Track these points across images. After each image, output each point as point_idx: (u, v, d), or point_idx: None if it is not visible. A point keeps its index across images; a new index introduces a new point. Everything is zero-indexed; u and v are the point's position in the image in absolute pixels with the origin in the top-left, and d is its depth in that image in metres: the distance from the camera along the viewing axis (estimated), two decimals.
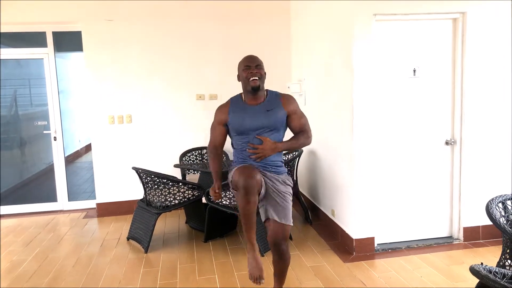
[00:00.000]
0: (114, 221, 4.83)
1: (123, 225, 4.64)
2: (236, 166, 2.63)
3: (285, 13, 5.24)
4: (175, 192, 3.97)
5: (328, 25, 4.00)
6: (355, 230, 3.61)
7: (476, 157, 3.72)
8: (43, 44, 5.06)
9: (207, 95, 5.13)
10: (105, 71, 4.93)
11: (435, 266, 3.35)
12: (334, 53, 3.87)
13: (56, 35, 5.08)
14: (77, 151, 5.64)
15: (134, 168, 3.93)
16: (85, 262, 3.70)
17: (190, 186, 4.08)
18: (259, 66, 2.62)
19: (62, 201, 5.31)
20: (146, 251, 3.84)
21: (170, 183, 3.98)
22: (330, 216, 4.16)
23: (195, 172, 4.92)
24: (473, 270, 1.80)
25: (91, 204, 5.29)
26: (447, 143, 3.74)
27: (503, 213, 2.29)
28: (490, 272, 1.87)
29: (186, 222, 4.63)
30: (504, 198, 2.34)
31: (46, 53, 5.08)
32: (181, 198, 3.97)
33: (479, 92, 3.66)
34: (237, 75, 2.71)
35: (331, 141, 4.07)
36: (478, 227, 3.78)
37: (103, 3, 4.84)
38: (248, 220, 2.53)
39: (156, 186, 3.97)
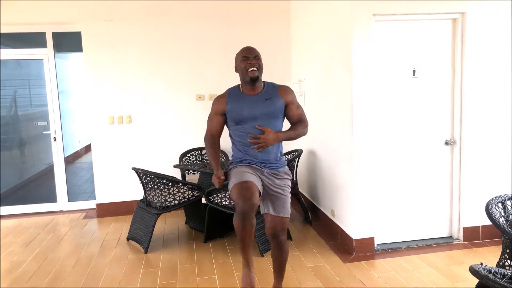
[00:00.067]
0: (114, 222, 4.83)
1: (123, 226, 4.64)
2: (236, 167, 2.63)
3: (285, 13, 5.24)
4: (175, 192, 3.97)
5: (327, 25, 4.00)
6: (355, 230, 3.61)
7: (476, 157, 3.72)
8: (43, 45, 5.06)
9: (207, 95, 5.13)
10: (104, 72, 4.93)
11: (435, 266, 3.35)
12: (333, 53, 3.87)
13: (56, 35, 5.08)
14: (77, 151, 5.64)
15: (133, 169, 3.93)
16: (85, 263, 3.70)
17: (190, 186, 4.08)
18: (257, 57, 2.61)
19: (62, 201, 5.31)
20: (146, 252, 3.84)
21: (170, 184, 3.98)
22: (330, 216, 4.16)
23: (195, 172, 4.92)
24: (472, 270, 1.80)
25: (91, 204, 5.29)
26: (446, 143, 3.74)
27: (502, 213, 2.29)
28: (490, 272, 1.87)
29: (186, 223, 4.63)
30: (503, 198, 2.34)
31: (46, 54, 5.09)
32: (181, 198, 3.97)
33: (479, 92, 3.66)
34: (235, 67, 2.70)
35: (331, 141, 4.07)
36: (478, 227, 3.78)
37: (102, 4, 4.84)
38: (244, 241, 2.51)
39: (156, 187, 3.97)
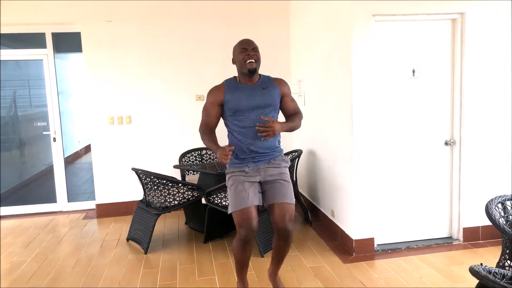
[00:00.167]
0: (113, 222, 4.83)
1: (122, 226, 4.64)
2: (233, 184, 2.57)
3: (285, 13, 5.24)
4: (175, 193, 3.97)
5: (327, 26, 4.00)
6: (354, 230, 3.61)
7: (476, 158, 3.72)
8: (43, 45, 5.06)
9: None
10: (104, 72, 4.93)
11: (435, 266, 3.35)
12: (333, 54, 3.87)
13: (56, 36, 5.09)
14: (77, 152, 5.65)
15: (133, 169, 3.93)
16: (84, 263, 3.70)
17: (189, 187, 4.08)
18: (255, 49, 2.62)
19: (62, 202, 5.31)
20: (146, 252, 3.84)
21: (170, 184, 3.98)
22: (330, 216, 4.16)
23: (195, 173, 4.92)
24: (472, 271, 1.79)
25: (90, 205, 5.29)
26: (446, 143, 3.74)
27: (502, 214, 2.29)
28: (490, 272, 1.87)
29: (186, 223, 4.63)
30: (503, 198, 2.34)
31: (45, 54, 5.08)
32: (180, 199, 3.97)
33: (479, 92, 3.66)
34: (232, 59, 2.69)
35: (331, 141, 4.07)
36: (477, 227, 3.78)
37: (102, 4, 4.84)
38: (242, 262, 2.59)
39: (155, 187, 3.97)
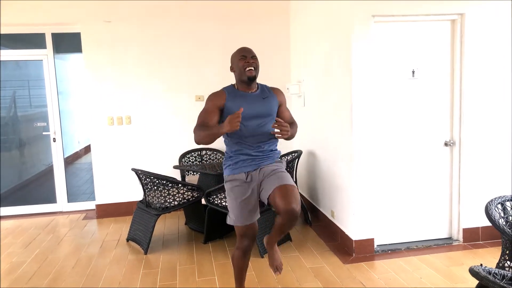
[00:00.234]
0: (113, 223, 4.83)
1: (122, 227, 4.64)
2: (232, 195, 2.57)
3: (285, 13, 5.25)
4: (175, 193, 3.97)
5: (327, 26, 4.00)
6: (354, 231, 3.61)
7: (475, 158, 3.73)
8: (42, 46, 5.06)
9: (206, 96, 5.06)
10: (104, 72, 4.93)
11: (435, 267, 3.35)
12: (333, 54, 3.88)
13: (55, 36, 5.09)
14: (77, 152, 5.65)
15: (133, 170, 3.93)
16: (84, 263, 3.70)
17: (189, 187, 4.08)
18: (254, 57, 2.61)
19: (62, 202, 5.31)
20: (146, 252, 3.83)
21: (170, 184, 3.98)
22: (330, 217, 4.16)
23: (195, 173, 4.92)
24: (472, 271, 1.80)
25: (90, 205, 5.29)
26: (446, 144, 3.74)
27: (502, 214, 2.29)
28: (490, 273, 1.87)
29: (186, 224, 4.63)
30: (503, 199, 2.34)
31: (45, 55, 5.08)
32: (180, 199, 3.96)
33: (478, 93, 3.66)
34: (231, 67, 2.68)
35: (330, 142, 4.07)
36: (477, 228, 3.79)
37: (102, 5, 4.84)
38: (241, 271, 2.69)
39: (155, 188, 3.97)
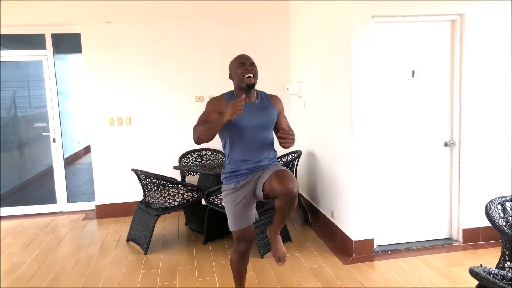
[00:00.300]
0: (113, 223, 4.83)
1: (122, 227, 4.64)
2: (230, 201, 2.57)
3: (284, 13, 5.25)
4: (175, 193, 3.97)
5: (327, 26, 4.00)
6: (354, 231, 3.62)
7: (475, 159, 3.73)
8: (42, 46, 5.06)
9: (206, 96, 5.12)
10: (104, 73, 4.93)
11: (435, 267, 3.35)
12: (333, 55, 3.88)
13: (55, 37, 5.09)
14: (76, 152, 5.64)
15: (133, 170, 3.93)
16: (84, 264, 3.70)
17: (189, 187, 4.08)
18: (253, 64, 2.62)
19: (62, 202, 5.30)
20: (146, 253, 3.83)
21: (170, 185, 3.98)
22: (330, 217, 4.16)
23: (195, 173, 4.92)
24: (472, 272, 1.80)
25: (90, 205, 5.29)
26: (446, 144, 3.74)
27: (502, 215, 2.29)
28: (490, 273, 1.87)
29: (186, 224, 4.63)
30: (503, 199, 2.34)
31: (45, 55, 5.08)
32: (180, 199, 3.97)
33: (478, 93, 3.66)
34: (229, 74, 2.68)
35: (330, 142, 4.07)
36: (477, 228, 3.79)
37: (101, 5, 4.84)
38: (240, 274, 2.71)
39: (155, 188, 3.97)
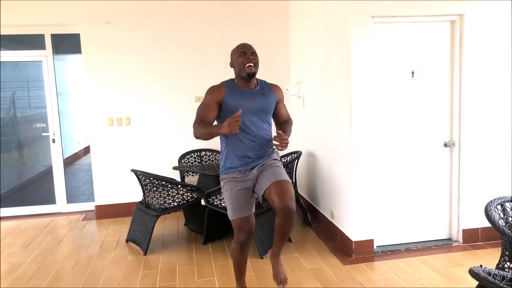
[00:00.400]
0: (113, 223, 4.82)
1: (122, 227, 4.64)
2: (229, 190, 2.57)
3: (284, 13, 5.25)
4: (174, 194, 3.96)
5: (326, 27, 4.00)
6: (354, 232, 3.61)
7: (475, 159, 3.73)
8: (42, 47, 5.06)
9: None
10: (103, 73, 4.93)
11: (434, 268, 3.35)
12: (332, 55, 3.88)
13: (55, 37, 5.08)
14: (76, 153, 5.64)
15: (133, 170, 3.93)
16: (84, 264, 3.70)
17: (189, 188, 4.08)
18: (254, 53, 2.63)
19: (61, 203, 5.30)
20: (145, 253, 3.83)
21: (169, 185, 3.97)
22: (329, 218, 4.16)
23: (194, 174, 4.92)
24: (472, 272, 1.80)
25: (90, 206, 5.28)
26: (445, 145, 3.74)
27: (502, 215, 2.29)
28: (489, 274, 1.87)
29: (185, 224, 4.62)
30: (502, 200, 2.34)
31: (44, 55, 5.08)
32: (180, 200, 3.96)
33: (478, 94, 3.66)
34: (230, 62, 2.70)
35: (330, 143, 4.07)
36: (477, 229, 3.79)
37: (101, 6, 4.84)
38: (240, 268, 2.70)
39: (155, 189, 3.96)
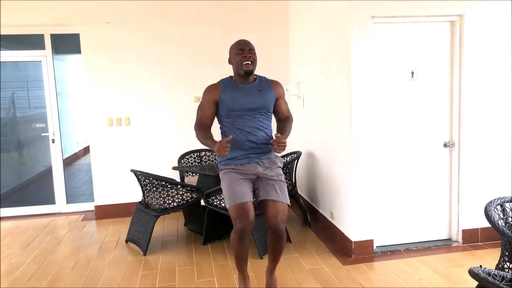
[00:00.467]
0: (112, 224, 4.82)
1: (121, 228, 4.64)
2: (228, 180, 2.57)
3: (284, 13, 5.25)
4: (174, 194, 3.96)
5: (326, 27, 4.00)
6: (354, 232, 3.61)
7: (475, 159, 3.73)
8: (41, 47, 5.06)
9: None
10: (103, 73, 4.93)
11: (434, 268, 3.35)
12: (332, 55, 3.88)
13: (54, 37, 5.08)
14: (75, 153, 5.64)
15: (132, 171, 3.93)
16: (83, 265, 3.69)
17: (188, 188, 4.07)
18: (252, 51, 2.63)
19: (61, 203, 5.30)
20: (145, 254, 3.83)
21: (169, 186, 3.97)
22: (329, 218, 4.16)
23: (194, 174, 4.91)
24: (472, 273, 1.80)
25: (89, 206, 5.28)
26: (445, 145, 3.74)
27: (501, 216, 2.29)
28: (489, 274, 1.87)
29: (185, 225, 4.62)
30: (502, 200, 2.34)
31: (44, 56, 5.08)
32: (179, 200, 3.96)
33: (477, 94, 3.66)
34: (228, 59, 2.70)
35: (330, 143, 4.07)
36: (476, 229, 3.79)
37: (101, 6, 4.84)
38: (240, 257, 2.60)
39: (154, 189, 3.96)
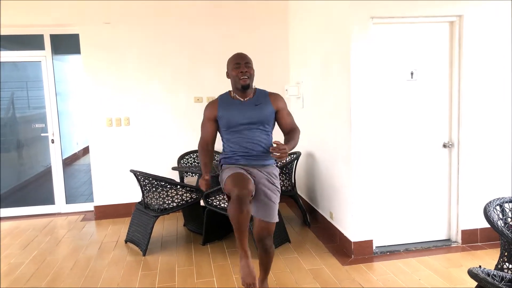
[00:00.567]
0: (112, 224, 4.82)
1: (121, 228, 4.63)
2: (227, 168, 2.63)
3: (283, 14, 5.25)
4: (173, 194, 3.96)
5: (326, 28, 4.01)
6: (353, 232, 3.61)
7: (474, 160, 3.73)
8: (41, 47, 5.06)
9: (205, 97, 5.13)
10: (103, 74, 4.93)
11: (434, 268, 3.35)
12: (332, 56, 3.88)
13: (54, 37, 5.08)
14: (75, 153, 5.63)
15: (132, 171, 3.93)
16: (83, 265, 3.69)
17: (188, 188, 4.07)
18: (248, 64, 2.65)
19: (60, 203, 5.29)
20: (144, 254, 3.83)
21: (168, 186, 3.97)
22: (329, 218, 4.16)
23: (193, 174, 4.92)
24: (471, 273, 1.80)
25: (89, 206, 5.28)
26: (444, 145, 3.75)
27: (501, 216, 2.29)
28: (488, 275, 1.87)
29: (184, 225, 4.62)
30: (501, 201, 2.35)
31: (43, 56, 5.08)
32: (179, 200, 3.96)
33: (477, 94, 3.67)
34: (226, 73, 2.75)
35: (329, 143, 4.07)
36: (476, 229, 3.79)
37: (100, 6, 4.84)
38: (240, 229, 2.53)
39: (154, 189, 3.96)
